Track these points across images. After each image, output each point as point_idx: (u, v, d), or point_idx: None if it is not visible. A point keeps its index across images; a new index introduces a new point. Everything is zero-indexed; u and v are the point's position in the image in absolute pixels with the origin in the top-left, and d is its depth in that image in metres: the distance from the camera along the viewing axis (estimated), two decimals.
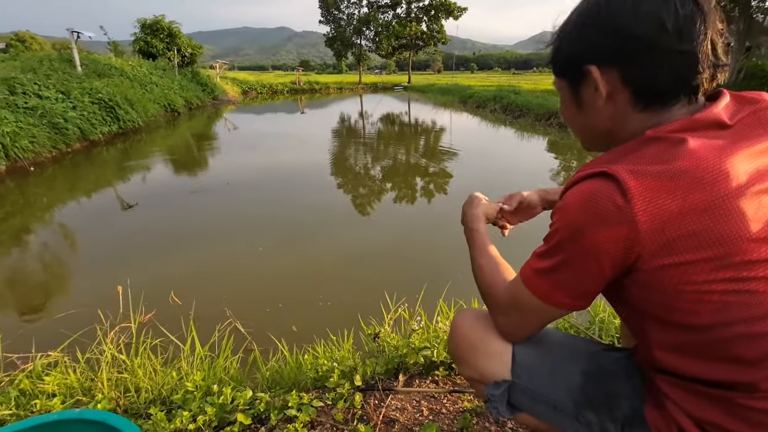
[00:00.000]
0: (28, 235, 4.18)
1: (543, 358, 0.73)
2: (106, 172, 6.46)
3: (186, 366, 1.46)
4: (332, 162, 7.52)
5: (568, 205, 0.57)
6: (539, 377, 0.72)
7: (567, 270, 0.58)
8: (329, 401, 1.19)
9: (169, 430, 1.07)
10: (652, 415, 0.62)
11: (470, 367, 0.78)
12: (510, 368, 0.75)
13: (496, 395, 0.75)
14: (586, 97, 0.62)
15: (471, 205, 0.89)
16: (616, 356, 0.74)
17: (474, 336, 0.77)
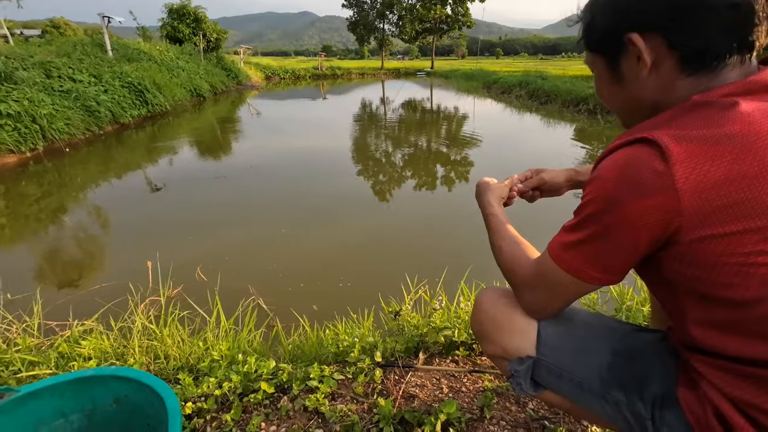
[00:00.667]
0: (65, 213, 4.38)
1: (570, 335, 0.71)
2: (135, 154, 6.66)
3: (212, 337, 1.50)
4: (353, 148, 7.51)
5: (602, 174, 0.54)
6: (565, 355, 0.70)
7: (599, 243, 0.55)
8: (350, 375, 1.20)
9: (197, 395, 1.11)
10: (685, 396, 0.59)
11: (494, 344, 0.76)
12: (535, 345, 0.73)
13: (520, 371, 0.74)
14: (626, 69, 0.58)
15: (480, 192, 0.90)
16: (648, 337, 0.71)
17: (498, 313, 0.76)
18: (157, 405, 0.71)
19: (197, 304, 1.81)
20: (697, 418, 0.57)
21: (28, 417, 0.71)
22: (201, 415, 1.07)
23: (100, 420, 0.77)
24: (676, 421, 0.60)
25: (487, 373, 1.21)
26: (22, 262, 3.40)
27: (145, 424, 0.75)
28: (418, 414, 1.02)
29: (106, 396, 0.76)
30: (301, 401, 1.10)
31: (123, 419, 0.77)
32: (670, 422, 0.61)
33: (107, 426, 0.77)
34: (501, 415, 1.06)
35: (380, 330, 1.53)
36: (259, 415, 1.05)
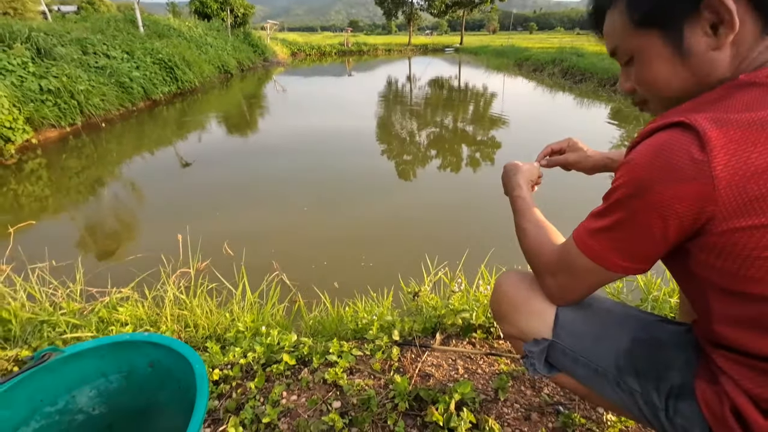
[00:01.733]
0: (103, 186, 4.60)
1: (589, 320, 0.70)
2: (166, 131, 6.86)
3: (237, 309, 1.57)
4: (378, 127, 7.44)
5: (634, 158, 0.52)
6: (582, 339, 0.70)
7: (626, 229, 0.54)
8: (368, 351, 1.24)
9: (223, 362, 1.18)
10: (703, 389, 0.58)
11: (510, 325, 0.77)
12: (552, 328, 0.74)
13: (534, 352, 0.74)
14: (694, 42, 0.51)
15: (509, 173, 0.88)
16: (672, 328, 0.70)
17: (517, 294, 0.76)
18: (186, 370, 0.76)
19: (224, 277, 1.89)
20: (713, 412, 0.56)
21: (72, 375, 0.78)
22: (227, 382, 1.13)
23: (136, 381, 0.83)
24: (691, 413, 0.59)
25: (504, 356, 1.22)
26: (65, 231, 3.62)
27: (176, 387, 0.81)
28: (433, 392, 1.04)
29: (142, 360, 0.81)
30: (321, 374, 1.14)
31: (156, 381, 0.83)
32: (684, 413, 0.60)
33: (142, 387, 0.83)
34: (515, 398, 1.08)
35: (399, 309, 1.56)
36: (281, 385, 1.11)
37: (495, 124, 7.29)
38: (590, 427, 0.99)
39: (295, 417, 1.03)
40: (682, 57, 0.53)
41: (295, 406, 1.06)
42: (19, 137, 5.07)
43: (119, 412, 0.84)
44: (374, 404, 1.03)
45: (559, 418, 1.00)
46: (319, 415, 1.03)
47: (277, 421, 1.01)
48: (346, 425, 0.98)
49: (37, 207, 4.07)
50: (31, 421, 0.74)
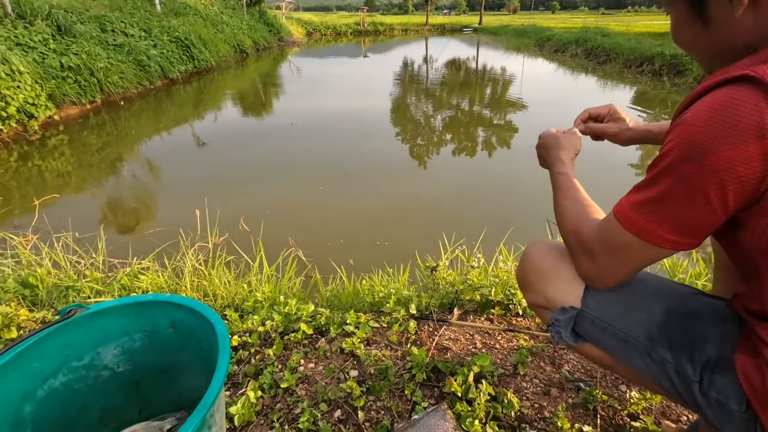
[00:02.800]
0: (123, 163, 4.68)
1: (621, 290, 0.67)
2: (183, 110, 6.89)
3: (255, 281, 1.59)
4: (393, 108, 7.34)
5: (689, 118, 0.48)
6: (613, 309, 0.67)
7: (677, 198, 0.49)
8: (384, 324, 1.23)
9: (242, 330, 1.19)
10: (743, 362, 0.56)
11: (537, 293, 0.75)
12: (581, 297, 0.72)
13: (561, 321, 0.73)
14: (715, 10, 0.51)
15: (549, 147, 0.83)
16: (709, 301, 0.67)
17: (546, 263, 0.74)
18: (207, 330, 0.76)
19: (241, 251, 1.90)
20: (753, 385, 0.54)
21: (97, 331, 0.79)
22: (246, 348, 1.15)
23: (158, 341, 0.84)
24: (727, 386, 0.57)
25: (523, 333, 1.20)
26: (87, 205, 3.71)
27: (197, 348, 0.82)
28: (451, 364, 1.03)
29: (164, 320, 0.82)
30: (338, 343, 1.14)
31: (178, 342, 0.84)
32: (719, 387, 0.58)
33: (164, 346, 0.84)
34: (535, 374, 1.06)
35: (415, 285, 1.55)
36: (299, 353, 1.12)
37: (513, 107, 7.10)
38: (612, 404, 0.97)
39: (313, 384, 1.03)
40: (704, 23, 0.53)
41: (312, 374, 1.07)
42: (41, 113, 5.16)
43: (143, 370, 0.86)
44: (391, 374, 1.03)
45: (580, 394, 0.98)
46: (336, 382, 1.03)
47: (295, 387, 1.02)
48: (364, 393, 0.99)
49: (60, 182, 4.16)
50: (59, 374, 0.76)
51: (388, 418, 0.93)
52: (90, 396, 0.80)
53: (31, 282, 1.59)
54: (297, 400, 0.99)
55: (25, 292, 1.53)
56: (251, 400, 0.96)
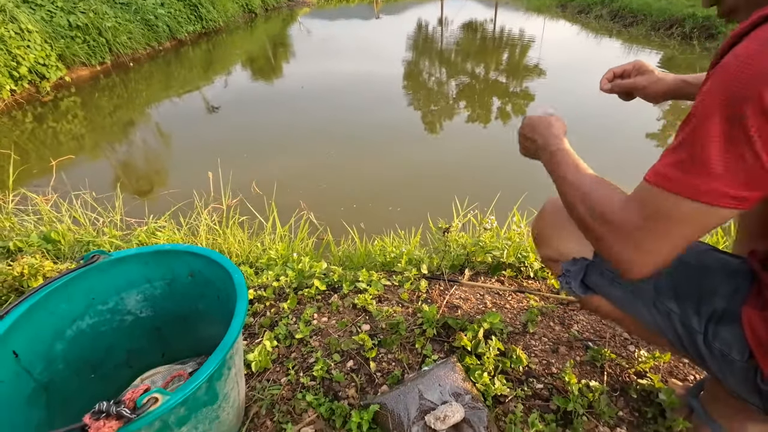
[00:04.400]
0: (135, 126, 4.69)
1: None
2: (192, 73, 6.79)
3: (268, 240, 1.61)
4: (406, 74, 7.12)
5: (731, 61, 0.43)
6: None
7: (728, 148, 0.43)
8: (396, 282, 1.25)
9: (257, 284, 1.22)
10: (751, 315, 0.57)
11: (551, 247, 0.76)
12: (593, 250, 0.72)
13: (572, 271, 0.74)
14: None
15: (539, 128, 0.73)
16: (722, 257, 0.67)
17: (562, 217, 0.74)
18: (225, 280, 0.78)
19: (253, 214, 1.92)
20: (758, 336, 0.55)
21: (120, 278, 0.82)
22: (261, 302, 1.18)
23: (178, 289, 0.87)
24: (732, 338, 0.58)
25: (534, 294, 1.21)
26: (102, 167, 3.76)
27: (215, 297, 0.84)
28: (462, 321, 1.05)
29: (183, 269, 0.84)
30: (350, 299, 1.17)
31: (197, 291, 0.86)
32: (723, 338, 0.59)
33: (184, 295, 0.87)
34: (543, 333, 1.08)
35: (427, 248, 1.56)
36: (312, 307, 1.15)
37: (530, 73, 6.82)
38: (619, 362, 0.98)
39: (326, 336, 1.07)
40: None
41: (325, 327, 1.10)
42: (53, 74, 5.14)
43: (164, 316, 0.89)
44: (403, 329, 1.05)
45: (588, 353, 1.00)
46: (349, 335, 1.07)
47: (309, 338, 1.06)
48: (375, 345, 1.02)
49: (75, 145, 4.21)
50: (86, 316, 0.79)
51: (399, 369, 0.97)
52: (115, 338, 0.84)
53: (53, 237, 1.64)
54: (311, 350, 1.03)
55: (48, 247, 1.58)
56: (267, 348, 0.99)
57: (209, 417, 0.69)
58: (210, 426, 0.71)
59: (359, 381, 0.95)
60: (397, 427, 0.78)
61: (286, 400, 0.92)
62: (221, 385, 0.69)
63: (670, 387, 0.90)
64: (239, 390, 0.79)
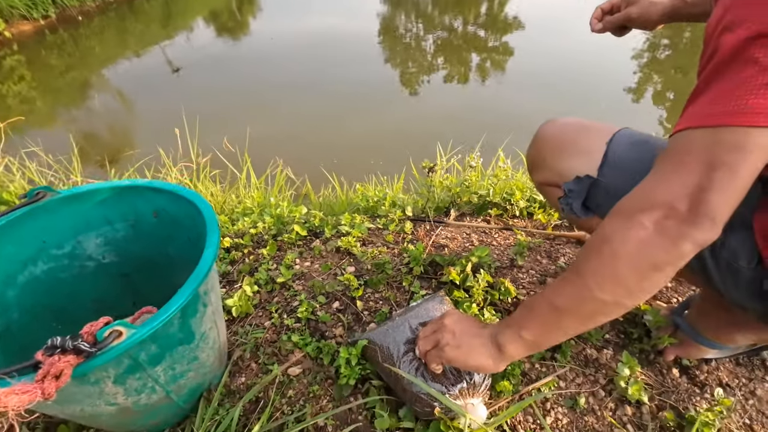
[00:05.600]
0: (90, 88, 4.33)
1: (643, 158, 0.63)
2: (150, 28, 6.26)
3: (243, 191, 1.53)
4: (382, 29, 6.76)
5: None
6: (631, 178, 0.63)
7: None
8: (380, 225, 1.21)
9: (233, 231, 1.16)
10: (761, 220, 0.55)
11: (549, 170, 0.72)
12: (598, 167, 0.68)
13: (575, 191, 0.70)
14: None
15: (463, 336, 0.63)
16: None
17: (563, 136, 0.70)
18: (194, 217, 0.71)
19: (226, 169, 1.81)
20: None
21: (74, 218, 0.74)
22: (239, 249, 1.12)
23: (144, 231, 0.79)
24: (739, 246, 0.57)
25: (521, 230, 1.19)
26: (57, 131, 3.48)
27: (185, 239, 0.78)
28: (449, 258, 1.03)
29: (146, 207, 0.77)
30: (333, 243, 1.12)
31: (164, 232, 0.79)
32: (731, 246, 0.57)
33: (151, 237, 0.80)
34: (531, 266, 1.07)
35: (410, 194, 1.51)
36: (293, 252, 1.09)
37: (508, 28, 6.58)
38: None
39: (309, 279, 1.03)
40: None
41: (308, 271, 1.05)
42: None
43: (131, 262, 0.82)
44: (389, 268, 1.02)
45: None
46: (333, 277, 1.03)
47: (291, 282, 1.01)
48: (361, 285, 0.98)
49: (25, 108, 3.86)
50: (39, 261, 0.72)
51: (387, 307, 0.94)
52: (77, 285, 0.77)
53: (4, 198, 1.50)
54: (294, 293, 0.99)
55: (1, 208, 1.45)
56: (248, 293, 0.95)
57: (187, 357, 0.65)
58: (188, 367, 0.67)
59: (346, 320, 0.92)
60: (387, 359, 0.76)
61: (271, 342, 0.88)
62: (197, 323, 0.64)
63: (655, 308, 0.91)
64: (219, 332, 0.74)
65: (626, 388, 0.78)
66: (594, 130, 0.73)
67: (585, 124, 0.74)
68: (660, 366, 0.85)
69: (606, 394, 0.81)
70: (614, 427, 0.76)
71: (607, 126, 0.73)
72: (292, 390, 0.80)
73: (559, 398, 0.80)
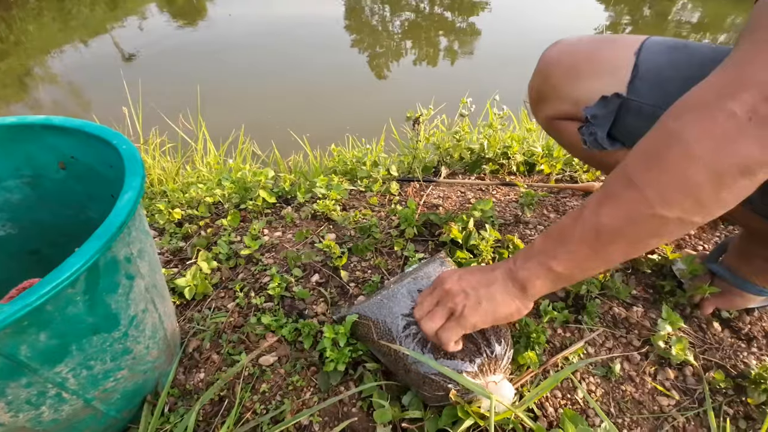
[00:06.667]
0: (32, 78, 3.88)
1: (682, 64, 0.50)
2: (95, 12, 5.73)
3: (200, 163, 1.32)
4: (347, 12, 6.46)
5: None
6: (669, 88, 0.50)
7: None
8: (362, 188, 1.04)
9: (185, 201, 0.96)
10: None
11: (562, 98, 0.59)
12: (627, 83, 0.55)
13: (599, 116, 0.56)
14: None
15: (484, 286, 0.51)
16: None
17: (576, 56, 0.58)
18: (115, 163, 0.52)
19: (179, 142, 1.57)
20: None
21: None
22: (193, 222, 0.93)
23: (49, 190, 0.59)
24: None
25: (521, 185, 1.05)
26: None
27: (108, 195, 0.58)
28: (446, 217, 0.87)
29: (47, 156, 0.57)
30: (308, 209, 0.95)
31: (80, 189, 0.59)
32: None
33: (60, 198, 0.60)
34: (538, 221, 0.93)
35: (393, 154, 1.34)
36: (260, 221, 0.91)
37: (473, 10, 6.42)
38: None
39: (281, 251, 0.85)
40: None
41: (279, 242, 0.88)
42: None
43: (39, 232, 0.62)
44: (377, 232, 0.85)
45: None
46: (310, 246, 0.86)
47: (259, 255, 0.83)
48: (345, 253, 0.81)
49: None
50: None
51: (378, 275, 0.78)
52: None
53: None
54: (263, 268, 0.81)
55: None
56: (205, 271, 0.76)
57: (110, 351, 0.46)
58: (116, 364, 0.48)
59: (329, 295, 0.75)
60: (385, 335, 0.60)
61: (236, 327, 0.71)
62: (120, 302, 0.45)
63: (684, 256, 0.80)
64: (162, 316, 0.56)
65: (668, 348, 0.66)
66: (615, 42, 0.59)
67: (601, 38, 0.61)
68: (699, 321, 0.73)
69: (642, 358, 0.68)
70: (657, 394, 0.64)
71: (629, 36, 0.59)
72: (266, 383, 0.63)
73: (589, 366, 0.67)
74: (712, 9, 5.77)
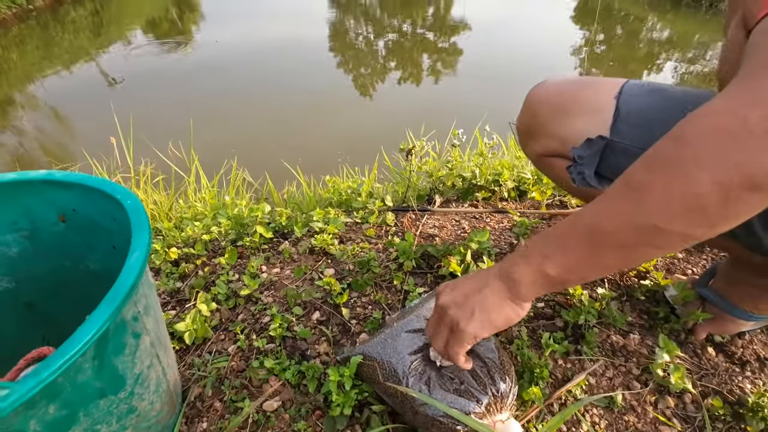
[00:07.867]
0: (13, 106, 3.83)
1: (661, 107, 0.54)
2: (80, 38, 5.72)
3: (193, 196, 1.31)
4: (331, 35, 6.60)
5: None
6: (651, 130, 0.53)
7: None
8: (358, 219, 1.05)
9: (181, 240, 0.95)
10: None
11: (550, 136, 0.62)
12: (610, 125, 0.58)
13: (585, 156, 0.59)
14: None
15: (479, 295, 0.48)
16: None
17: (561, 96, 0.61)
18: (117, 216, 0.52)
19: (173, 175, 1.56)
20: None
21: None
22: (190, 261, 0.92)
23: (47, 243, 0.59)
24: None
25: (515, 212, 1.08)
26: None
27: (108, 246, 0.58)
28: (443, 248, 0.89)
29: (47, 209, 0.56)
30: (306, 244, 0.95)
31: (79, 241, 0.59)
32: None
33: (60, 250, 0.60)
34: None
35: (386, 183, 1.36)
36: (258, 258, 0.91)
37: (454, 30, 6.63)
38: None
39: (281, 288, 0.85)
40: None
41: (278, 279, 0.87)
42: None
43: (35, 285, 0.61)
44: (375, 266, 0.86)
45: None
46: (310, 283, 0.86)
47: (258, 294, 0.83)
48: (345, 289, 0.82)
49: None
50: None
51: (378, 311, 0.78)
52: None
53: None
54: (263, 307, 0.80)
55: None
56: (204, 313, 0.75)
57: (116, 412, 0.46)
58: (121, 425, 0.47)
59: (331, 333, 0.75)
60: (390, 376, 0.60)
61: (239, 372, 0.70)
62: (127, 362, 0.45)
63: (675, 282, 0.82)
64: (165, 368, 0.56)
65: (666, 377, 0.68)
66: (596, 84, 0.63)
67: (584, 79, 0.65)
68: (694, 346, 0.75)
69: (641, 386, 0.70)
70: (659, 424, 0.65)
71: (609, 80, 0.63)
72: (271, 430, 0.62)
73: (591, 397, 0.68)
74: (680, 28, 6.07)
